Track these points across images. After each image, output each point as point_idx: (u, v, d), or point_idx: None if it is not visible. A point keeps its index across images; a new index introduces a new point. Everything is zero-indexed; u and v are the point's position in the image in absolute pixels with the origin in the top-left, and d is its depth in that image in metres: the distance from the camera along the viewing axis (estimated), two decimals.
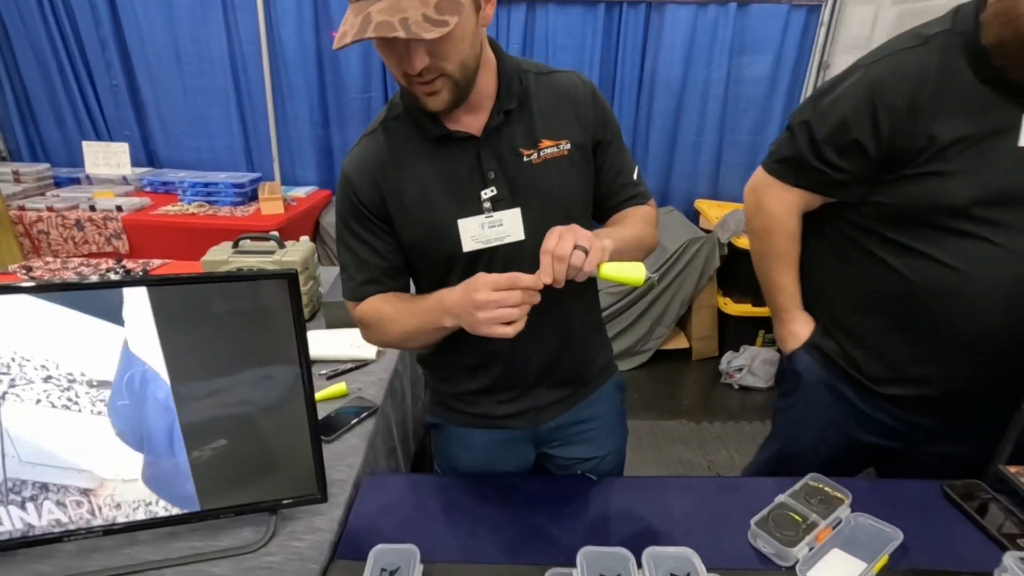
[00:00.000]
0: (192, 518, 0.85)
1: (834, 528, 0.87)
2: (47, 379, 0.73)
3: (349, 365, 1.36)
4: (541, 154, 0.86)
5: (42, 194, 2.80)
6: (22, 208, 2.59)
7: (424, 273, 0.94)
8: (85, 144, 2.93)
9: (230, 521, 0.89)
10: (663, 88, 3.01)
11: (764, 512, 0.89)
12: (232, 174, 2.96)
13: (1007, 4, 0.83)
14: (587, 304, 1.03)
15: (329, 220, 2.91)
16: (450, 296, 0.80)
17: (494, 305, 0.73)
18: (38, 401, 0.73)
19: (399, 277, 0.95)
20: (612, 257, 0.78)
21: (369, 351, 1.40)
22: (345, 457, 1.06)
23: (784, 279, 1.13)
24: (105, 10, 2.83)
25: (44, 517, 0.79)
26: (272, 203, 2.67)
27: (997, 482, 0.97)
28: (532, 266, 0.78)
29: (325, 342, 1.42)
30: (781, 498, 0.92)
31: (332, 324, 1.52)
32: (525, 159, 0.85)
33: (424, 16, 0.67)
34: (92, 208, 2.61)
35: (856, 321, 1.07)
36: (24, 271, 1.76)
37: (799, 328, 1.14)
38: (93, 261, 1.96)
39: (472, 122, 0.85)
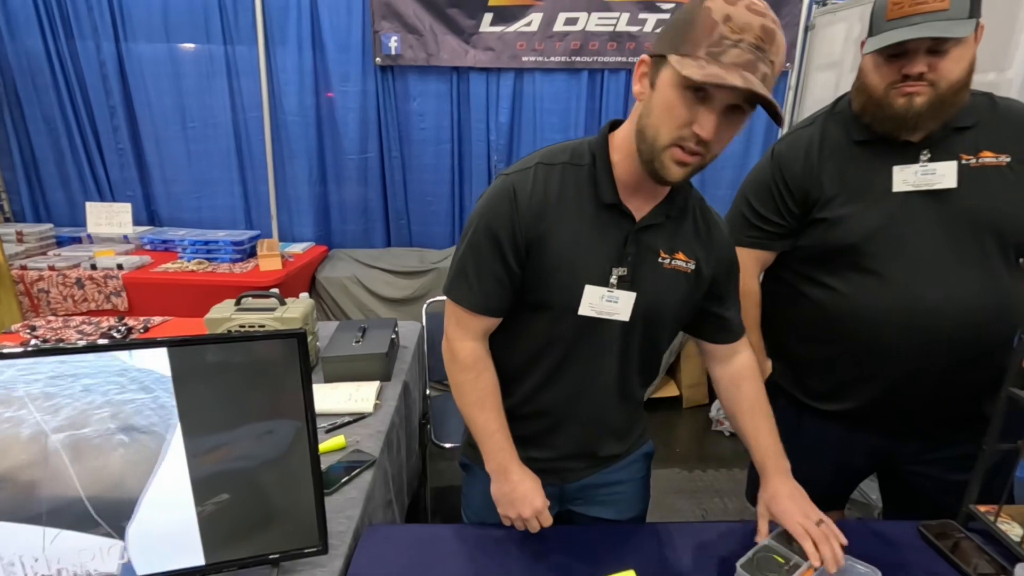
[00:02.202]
0: (196, 572, 0.88)
1: (816, 570, 0.91)
2: None
3: (347, 418, 1.40)
4: (672, 262, 0.94)
5: (44, 253, 2.86)
6: (24, 267, 2.64)
7: (532, 312, 0.95)
8: (89, 205, 3.03)
9: (232, 574, 0.91)
10: None
11: (749, 554, 0.92)
12: (231, 232, 3.05)
13: (860, 76, 1.09)
14: (645, 388, 1.09)
15: (325, 275, 2.99)
16: (511, 470, 0.98)
17: (521, 523, 0.98)
18: None
19: (504, 308, 0.95)
20: None
21: (367, 404, 1.44)
22: (344, 509, 1.08)
23: (753, 338, 1.30)
24: (116, 80, 2.99)
25: (52, 567, 0.81)
26: (270, 259, 2.74)
27: (969, 521, 1.02)
28: (621, 344, 0.93)
29: (324, 396, 1.46)
30: (765, 541, 0.96)
31: (330, 378, 1.57)
32: (659, 259, 0.93)
33: (775, 103, 0.74)
34: (93, 267, 2.67)
35: (793, 345, 1.27)
36: (28, 330, 1.80)
37: (765, 372, 1.32)
38: (94, 319, 2.01)
39: (638, 206, 0.91)
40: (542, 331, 0.95)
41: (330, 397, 1.46)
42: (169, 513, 0.84)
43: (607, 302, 0.91)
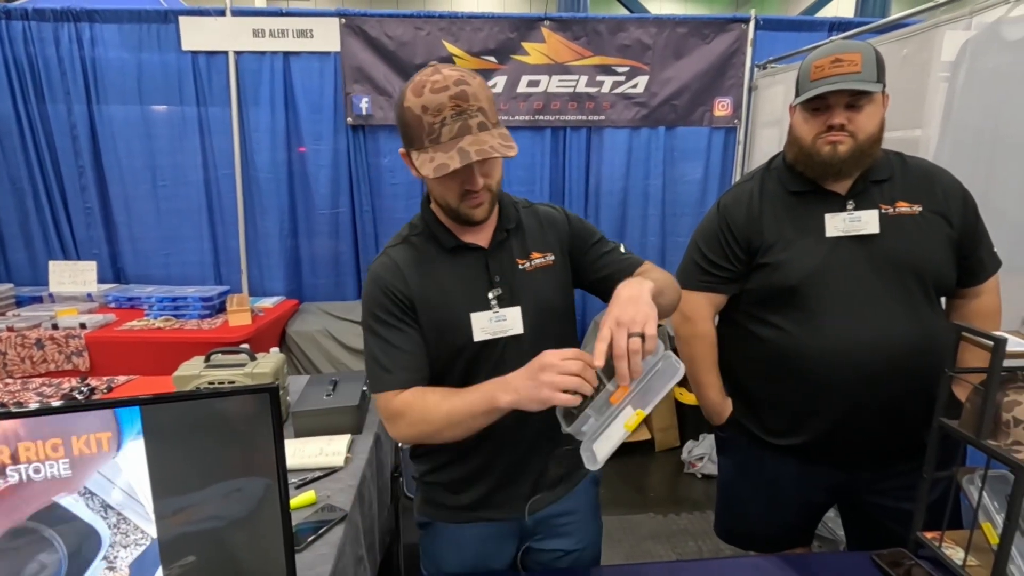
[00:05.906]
0: None
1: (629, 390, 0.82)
2: None
3: (318, 473, 1.39)
4: (532, 263, 1.06)
5: (2, 314, 2.79)
6: None
7: (437, 361, 1.02)
8: (52, 263, 2.98)
9: None
10: (607, 198, 3.34)
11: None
12: (200, 288, 3.04)
13: (791, 131, 1.23)
14: None
15: (295, 329, 2.98)
16: (511, 376, 0.86)
17: (558, 369, 0.79)
18: None
19: (426, 370, 1.00)
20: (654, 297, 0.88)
21: (337, 458, 1.44)
22: (315, 566, 1.07)
23: (712, 378, 1.38)
24: (86, 141, 3.02)
25: None
26: (240, 315, 2.73)
27: (919, 548, 1.07)
28: (531, 357, 0.88)
29: (295, 451, 1.45)
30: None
31: (301, 433, 1.56)
32: (520, 267, 1.05)
33: (500, 143, 0.88)
34: (54, 326, 2.62)
35: (749, 383, 1.33)
36: None
37: (727, 410, 1.38)
38: (55, 381, 1.97)
39: (480, 237, 1.04)
40: (459, 371, 1.01)
41: (300, 452, 1.45)
42: None
43: (497, 322, 1.01)
